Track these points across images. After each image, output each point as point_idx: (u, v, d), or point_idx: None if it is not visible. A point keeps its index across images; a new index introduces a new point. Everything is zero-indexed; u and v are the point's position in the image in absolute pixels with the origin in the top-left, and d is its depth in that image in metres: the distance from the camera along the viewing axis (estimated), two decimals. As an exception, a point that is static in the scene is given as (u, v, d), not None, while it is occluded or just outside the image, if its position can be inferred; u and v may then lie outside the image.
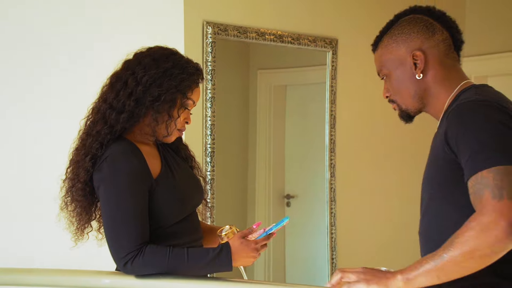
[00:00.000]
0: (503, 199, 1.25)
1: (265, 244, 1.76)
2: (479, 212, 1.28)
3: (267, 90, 3.61)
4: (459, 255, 1.27)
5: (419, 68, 1.52)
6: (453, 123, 1.38)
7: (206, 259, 1.67)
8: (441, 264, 1.29)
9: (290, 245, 3.66)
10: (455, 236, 1.29)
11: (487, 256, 1.26)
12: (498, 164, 1.28)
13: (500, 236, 1.24)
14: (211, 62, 2.92)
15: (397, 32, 1.57)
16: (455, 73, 1.55)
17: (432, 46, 1.53)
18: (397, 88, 1.57)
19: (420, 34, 1.54)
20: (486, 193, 1.27)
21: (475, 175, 1.30)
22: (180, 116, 1.77)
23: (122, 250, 1.64)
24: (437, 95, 1.53)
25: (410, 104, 1.57)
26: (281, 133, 3.68)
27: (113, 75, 1.78)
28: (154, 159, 1.76)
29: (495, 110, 1.37)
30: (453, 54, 1.56)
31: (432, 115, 1.59)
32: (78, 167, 1.73)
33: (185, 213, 1.79)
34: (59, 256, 2.39)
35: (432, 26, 1.55)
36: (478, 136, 1.33)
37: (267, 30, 3.14)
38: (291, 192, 3.66)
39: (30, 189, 2.61)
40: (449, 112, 1.42)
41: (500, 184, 1.26)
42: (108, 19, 2.73)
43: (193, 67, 1.78)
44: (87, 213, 1.77)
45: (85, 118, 1.78)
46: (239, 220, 3.51)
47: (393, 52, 1.56)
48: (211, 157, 2.95)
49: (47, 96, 2.66)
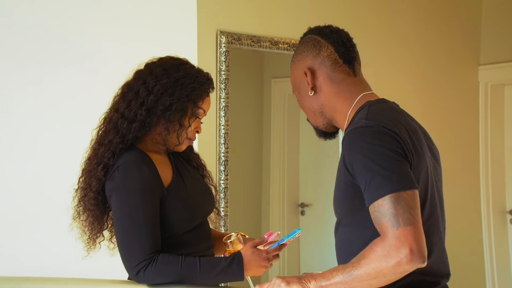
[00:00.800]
0: (400, 227, 1.32)
1: (277, 255, 1.76)
2: (382, 237, 1.35)
3: (281, 99, 3.61)
4: (364, 274, 1.36)
5: (310, 85, 1.57)
6: (346, 150, 1.43)
7: (218, 269, 1.67)
8: (349, 279, 1.38)
9: (304, 254, 3.64)
10: (362, 256, 1.38)
11: (389, 277, 1.35)
12: (390, 192, 1.34)
13: (401, 262, 1.32)
14: (224, 71, 2.93)
15: (295, 53, 1.64)
16: (347, 86, 1.57)
17: (319, 63, 1.57)
18: (302, 107, 1.64)
19: (308, 53, 1.59)
20: (384, 221, 1.34)
21: (372, 204, 1.36)
22: (191, 125, 1.78)
23: (134, 259, 1.65)
24: (336, 108, 1.57)
25: (315, 120, 1.62)
26: (295, 141, 3.67)
27: (125, 85, 1.80)
28: (165, 168, 1.77)
29: (381, 135, 1.40)
30: (342, 68, 1.58)
31: (339, 127, 1.62)
32: (90, 176, 1.74)
33: (196, 222, 1.80)
34: (70, 266, 2.40)
35: (319, 43, 1.59)
36: (367, 164, 1.37)
37: (281, 39, 3.14)
38: (306, 201, 3.65)
39: (42, 197, 2.63)
40: (344, 137, 1.47)
41: (395, 212, 1.33)
42: (122, 28, 2.75)
43: (204, 76, 1.79)
44: (99, 222, 1.78)
45: (97, 128, 1.80)
46: (254, 229, 3.51)
47: (294, 73, 1.63)
48: (225, 166, 2.95)
49: (60, 104, 2.68)
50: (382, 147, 1.38)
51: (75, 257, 2.01)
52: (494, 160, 4.12)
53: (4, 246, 2.60)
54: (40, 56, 2.65)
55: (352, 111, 1.54)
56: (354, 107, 1.54)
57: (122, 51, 2.69)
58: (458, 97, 4.05)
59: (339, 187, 1.49)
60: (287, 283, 1.46)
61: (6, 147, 2.63)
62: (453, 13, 4.03)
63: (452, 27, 4.02)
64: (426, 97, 3.85)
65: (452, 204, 1.55)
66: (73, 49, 2.68)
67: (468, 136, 4.11)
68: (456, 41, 4.04)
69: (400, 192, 1.34)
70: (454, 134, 4.00)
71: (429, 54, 3.88)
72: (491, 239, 4.09)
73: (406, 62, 3.75)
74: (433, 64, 3.90)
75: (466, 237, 4.02)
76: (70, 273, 2.17)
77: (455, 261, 3.79)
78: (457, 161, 3.97)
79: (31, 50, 2.64)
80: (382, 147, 1.38)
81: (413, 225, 1.33)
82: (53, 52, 2.66)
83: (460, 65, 4.07)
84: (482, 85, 4.11)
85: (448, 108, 3.96)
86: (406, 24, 3.74)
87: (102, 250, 1.85)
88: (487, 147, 4.11)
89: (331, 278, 1.41)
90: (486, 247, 4.09)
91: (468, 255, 4.05)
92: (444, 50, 3.96)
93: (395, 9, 3.69)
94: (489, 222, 4.10)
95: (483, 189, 4.11)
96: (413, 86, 3.79)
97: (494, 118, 4.11)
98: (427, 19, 3.87)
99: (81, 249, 1.83)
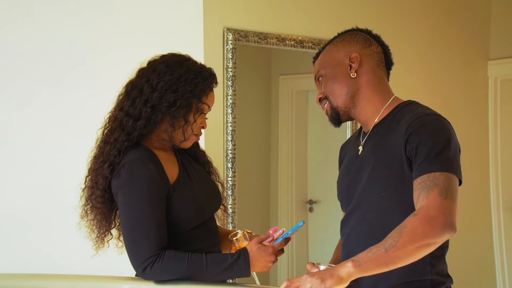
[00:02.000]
0: (447, 199, 1.46)
1: (282, 249, 1.76)
2: (426, 205, 1.45)
3: (289, 96, 3.61)
4: (408, 242, 1.41)
5: (354, 68, 1.69)
6: (418, 130, 1.54)
7: (225, 265, 1.67)
8: (391, 251, 1.41)
9: (313, 250, 3.64)
10: (403, 226, 1.44)
11: (429, 245, 1.43)
12: (450, 171, 1.50)
13: (440, 228, 1.43)
14: (231, 69, 2.93)
15: (339, 40, 1.75)
16: (385, 85, 1.72)
17: (368, 55, 1.71)
18: (332, 86, 1.71)
19: (358, 43, 1.72)
20: (435, 190, 1.47)
21: (427, 174, 1.49)
22: (196, 121, 1.78)
23: (140, 256, 1.65)
24: (370, 98, 1.69)
25: (341, 102, 1.70)
26: (303, 138, 3.67)
27: (128, 83, 1.80)
28: (171, 165, 1.78)
29: (450, 126, 1.58)
30: (384, 69, 1.74)
31: (360, 119, 1.72)
32: (96, 174, 1.75)
33: (202, 219, 1.80)
34: (77, 262, 2.41)
35: (369, 40, 1.73)
36: (438, 144, 1.51)
37: (288, 36, 3.14)
38: (314, 197, 3.65)
39: (50, 195, 2.64)
40: (413, 121, 1.57)
41: (448, 187, 1.47)
42: (127, 26, 2.76)
43: (207, 71, 1.80)
44: (107, 220, 1.79)
45: (102, 127, 1.80)
46: (261, 226, 3.51)
47: (333, 55, 1.73)
48: (232, 163, 2.95)
49: (68, 104, 2.69)
50: (454, 138, 1.57)
51: (83, 255, 2.02)
52: (503, 156, 4.09)
53: (13, 245, 2.61)
54: (49, 62, 2.65)
55: (386, 109, 1.68)
56: (389, 105, 1.68)
57: (129, 50, 2.69)
58: (467, 92, 4.02)
59: (389, 168, 1.58)
60: (322, 280, 1.41)
61: (13, 147, 2.64)
62: (462, 8, 4.00)
63: (461, 22, 3.99)
64: (435, 92, 3.83)
65: (461, 201, 1.58)
66: (79, 50, 2.69)
67: (478, 131, 4.09)
68: (465, 36, 4.01)
69: (456, 176, 1.51)
70: (464, 129, 3.97)
71: (438, 49, 3.86)
72: (501, 236, 4.07)
73: (414, 58, 3.73)
74: (442, 60, 3.88)
75: (476, 234, 4.00)
76: (79, 271, 2.18)
77: (465, 258, 3.79)
78: (467, 157, 3.91)
79: (43, 57, 2.64)
80: (454, 138, 1.57)
81: (456, 204, 1.48)
82: (61, 61, 2.67)
83: (469, 60, 4.04)
84: (491, 80, 4.08)
85: (457, 104, 3.94)
86: (415, 19, 3.72)
87: (111, 248, 1.85)
88: (496, 142, 4.09)
89: (369, 254, 1.42)
90: (496, 244, 4.07)
91: (478, 252, 4.03)
92: (453, 45, 3.94)
93: (404, 4, 3.67)
94: (499, 219, 4.07)
95: (492, 185, 4.09)
96: (422, 81, 3.77)
97: (503, 113, 4.08)
98: (436, 14, 3.85)
99: (89, 247, 1.84)
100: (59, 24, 2.66)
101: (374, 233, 1.58)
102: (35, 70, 2.63)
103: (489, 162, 4.10)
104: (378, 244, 1.44)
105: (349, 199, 1.70)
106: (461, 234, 1.81)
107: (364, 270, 1.41)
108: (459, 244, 1.69)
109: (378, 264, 1.41)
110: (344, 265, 1.42)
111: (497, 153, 4.09)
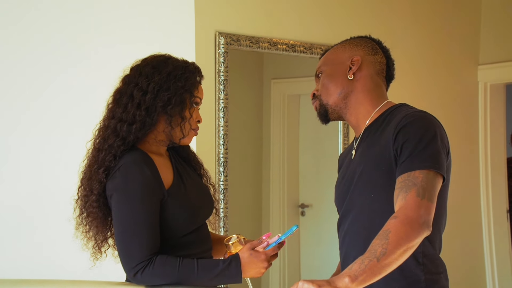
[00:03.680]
0: (424, 199, 1.48)
1: (276, 254, 1.75)
2: (404, 206, 1.47)
3: (281, 100, 3.61)
4: (395, 247, 1.41)
5: (352, 70, 1.72)
6: (405, 128, 1.57)
7: (216, 271, 1.67)
8: (382, 259, 1.40)
9: (305, 254, 3.64)
10: (387, 230, 1.44)
11: (413, 247, 1.45)
12: (432, 168, 1.51)
13: (418, 229, 1.44)
14: (223, 73, 2.93)
15: (348, 42, 1.80)
16: (381, 91, 1.75)
17: (370, 61, 1.74)
18: (327, 83, 1.74)
19: (365, 49, 1.76)
20: (413, 190, 1.49)
21: (407, 173, 1.51)
22: (192, 116, 1.79)
23: (132, 260, 1.64)
24: (362, 101, 1.72)
25: (332, 100, 1.74)
26: (295, 142, 3.67)
27: (116, 92, 1.79)
28: (166, 170, 1.77)
29: (438, 124, 1.61)
30: (384, 79, 1.77)
31: (351, 121, 1.75)
32: (91, 182, 1.72)
33: (196, 225, 1.79)
34: (77, 262, 2.40)
35: (377, 49, 1.77)
36: (423, 139, 1.54)
37: (280, 40, 3.14)
38: (306, 201, 3.65)
39: (47, 200, 2.63)
40: (401, 120, 1.60)
41: (426, 186, 1.49)
42: (119, 29, 2.75)
43: (192, 65, 1.81)
44: (103, 225, 1.76)
45: (92, 139, 1.78)
46: (253, 230, 3.51)
47: (337, 55, 1.77)
48: (224, 167, 2.95)
49: (63, 111, 2.68)
50: (441, 133, 1.59)
51: (79, 261, 2.00)
52: (493, 160, 4.12)
53: (13, 247, 2.60)
54: (44, 65, 2.65)
55: (377, 111, 1.71)
56: (380, 108, 1.71)
57: (120, 53, 2.69)
58: (457, 96, 4.04)
59: (379, 169, 1.61)
60: (318, 286, 1.39)
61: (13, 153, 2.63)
62: (452, 13, 4.03)
63: (451, 27, 4.01)
64: (425, 96, 3.84)
65: (452, 203, 1.60)
66: (71, 53, 2.68)
67: (468, 136, 4.11)
68: (455, 41, 4.03)
69: (438, 173, 1.52)
70: (453, 134, 3.98)
71: (428, 54, 3.88)
72: (491, 238, 4.09)
73: (404, 62, 3.74)
74: (432, 64, 3.90)
75: (466, 236, 4.02)
76: (79, 271, 2.15)
77: (455, 259, 3.80)
78: (457, 161, 3.95)
79: (38, 62, 2.63)
80: (441, 133, 1.59)
81: (433, 203, 1.50)
82: (55, 57, 2.66)
83: (459, 65, 4.06)
84: (481, 84, 4.11)
85: (447, 108, 3.96)
86: (405, 24, 3.74)
87: (109, 250, 1.83)
88: (486, 147, 4.11)
89: (362, 266, 1.40)
90: (486, 246, 4.09)
91: (468, 253, 4.04)
92: (443, 49, 3.96)
93: (393, 9, 3.69)
94: (489, 222, 4.09)
95: (482, 188, 4.11)
96: (412, 85, 3.78)
97: (493, 117, 4.11)
98: (426, 19, 3.87)
99: (85, 253, 1.82)
100: (60, 23, 2.66)
101: (367, 234, 1.59)
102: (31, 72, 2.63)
103: (479, 166, 4.12)
104: (367, 253, 1.43)
105: (342, 203, 1.73)
106: (451, 235, 1.82)
107: (361, 283, 1.39)
108: (450, 246, 1.70)
109: (373, 275, 1.40)
110: (341, 279, 1.39)
111: (487, 157, 4.11)
